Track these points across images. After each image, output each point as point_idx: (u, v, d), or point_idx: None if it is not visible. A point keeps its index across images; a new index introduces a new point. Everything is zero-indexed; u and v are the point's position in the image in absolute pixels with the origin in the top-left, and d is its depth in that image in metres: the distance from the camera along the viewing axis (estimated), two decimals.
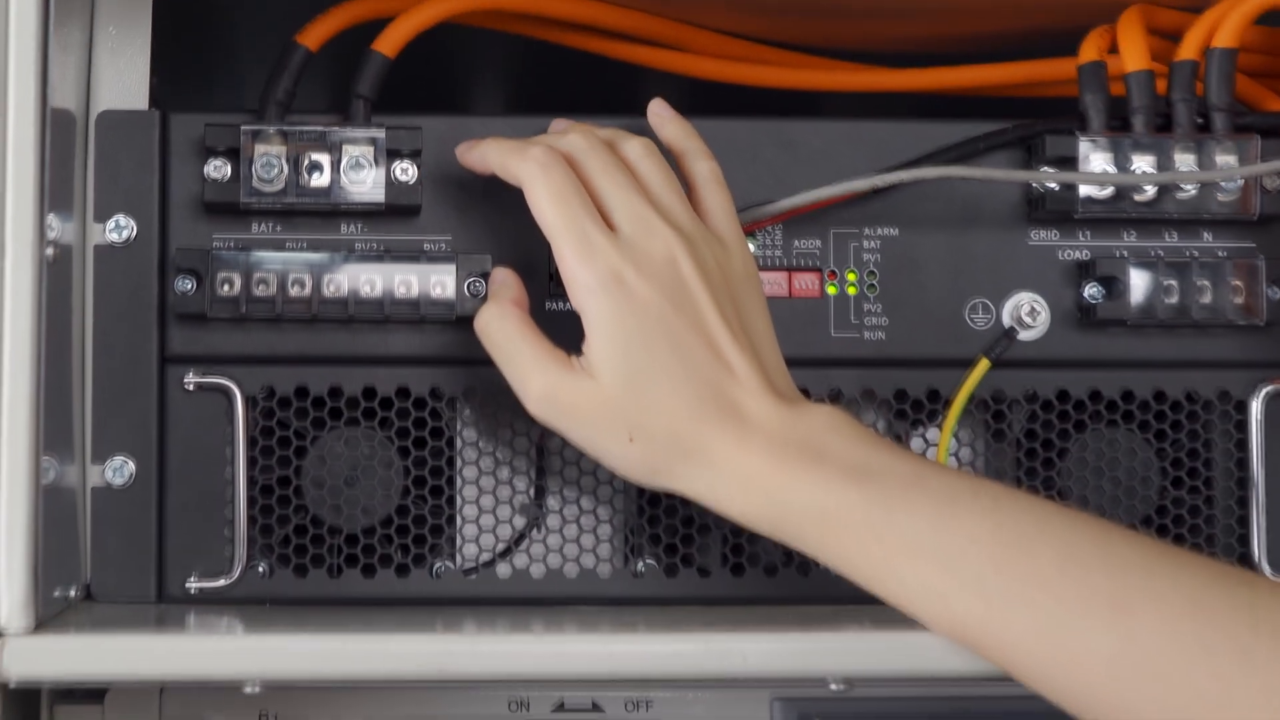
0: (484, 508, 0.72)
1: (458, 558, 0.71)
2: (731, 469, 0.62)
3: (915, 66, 0.78)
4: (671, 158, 0.68)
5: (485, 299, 0.68)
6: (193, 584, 0.70)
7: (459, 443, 0.72)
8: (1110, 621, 0.55)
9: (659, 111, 0.69)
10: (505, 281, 0.67)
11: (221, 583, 0.70)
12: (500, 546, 0.72)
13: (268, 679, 0.58)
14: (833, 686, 0.60)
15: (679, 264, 0.63)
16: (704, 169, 0.68)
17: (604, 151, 0.65)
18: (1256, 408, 0.72)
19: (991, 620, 0.57)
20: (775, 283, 0.72)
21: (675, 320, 0.63)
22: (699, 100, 0.74)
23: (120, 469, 0.69)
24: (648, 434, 0.62)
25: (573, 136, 0.66)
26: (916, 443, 0.73)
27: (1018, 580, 0.57)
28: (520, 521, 0.72)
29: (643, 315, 0.62)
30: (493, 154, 0.67)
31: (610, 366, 0.62)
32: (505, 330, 0.65)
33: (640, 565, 0.71)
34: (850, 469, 0.60)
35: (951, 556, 0.58)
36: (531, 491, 0.72)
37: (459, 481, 0.72)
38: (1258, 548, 0.72)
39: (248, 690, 0.58)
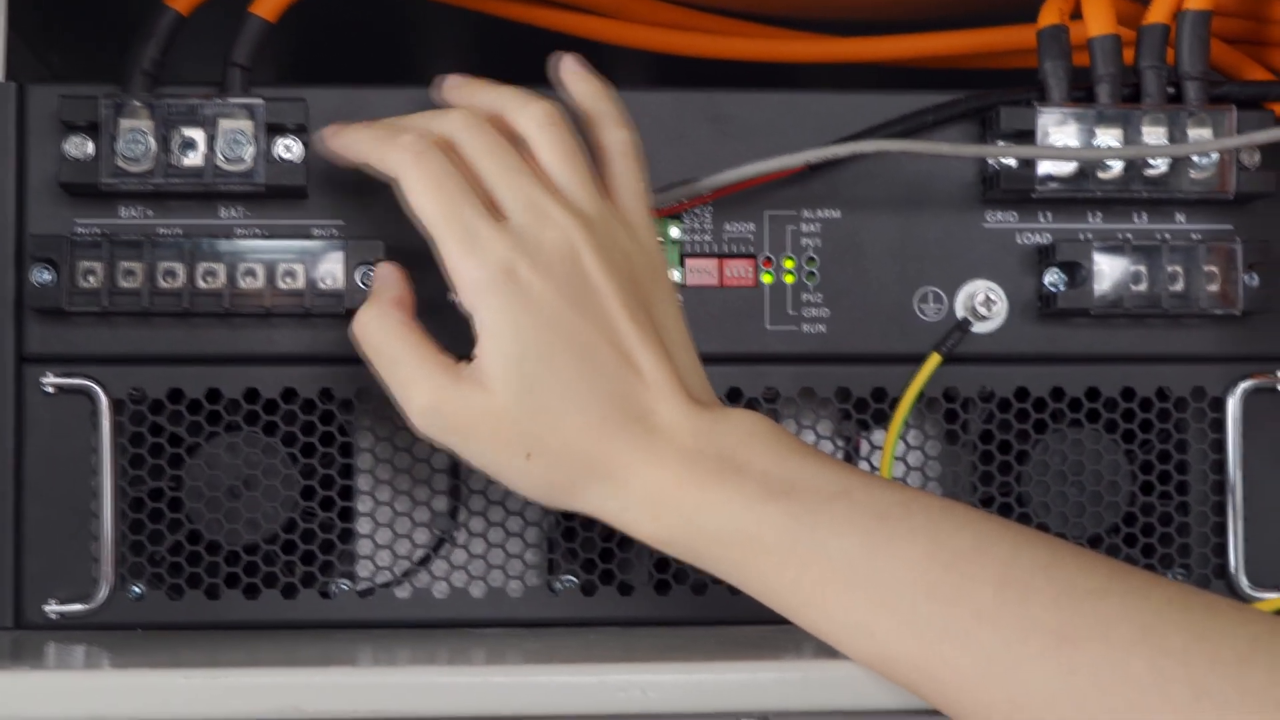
0: (382, 520, 0.67)
1: (355, 577, 0.66)
2: (641, 487, 0.56)
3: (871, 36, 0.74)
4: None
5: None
6: (53, 608, 0.64)
7: (355, 449, 0.66)
8: (1053, 655, 0.50)
9: (569, 68, 0.63)
10: (386, 279, 0.61)
11: (85, 606, 0.64)
12: (403, 565, 0.66)
13: None
14: None
15: (579, 255, 0.58)
16: (615, 139, 0.62)
17: (487, 129, 0.60)
18: (1233, 405, 0.69)
19: (924, 657, 0.51)
20: (705, 270, 0.67)
21: (575, 320, 0.57)
22: (662, 77, 0.70)
23: None
24: (547, 450, 0.57)
25: (453, 115, 0.60)
26: (862, 447, 0.69)
27: (953, 610, 0.51)
28: (426, 536, 0.66)
29: (538, 315, 0.57)
30: (361, 142, 0.61)
31: (503, 375, 0.57)
32: (384, 334, 0.59)
33: (558, 583, 0.66)
34: (770, 484, 0.55)
35: (880, 584, 0.53)
36: (437, 502, 0.67)
37: (355, 492, 0.66)
38: (1234, 558, 0.69)
39: None
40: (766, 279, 0.68)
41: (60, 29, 0.78)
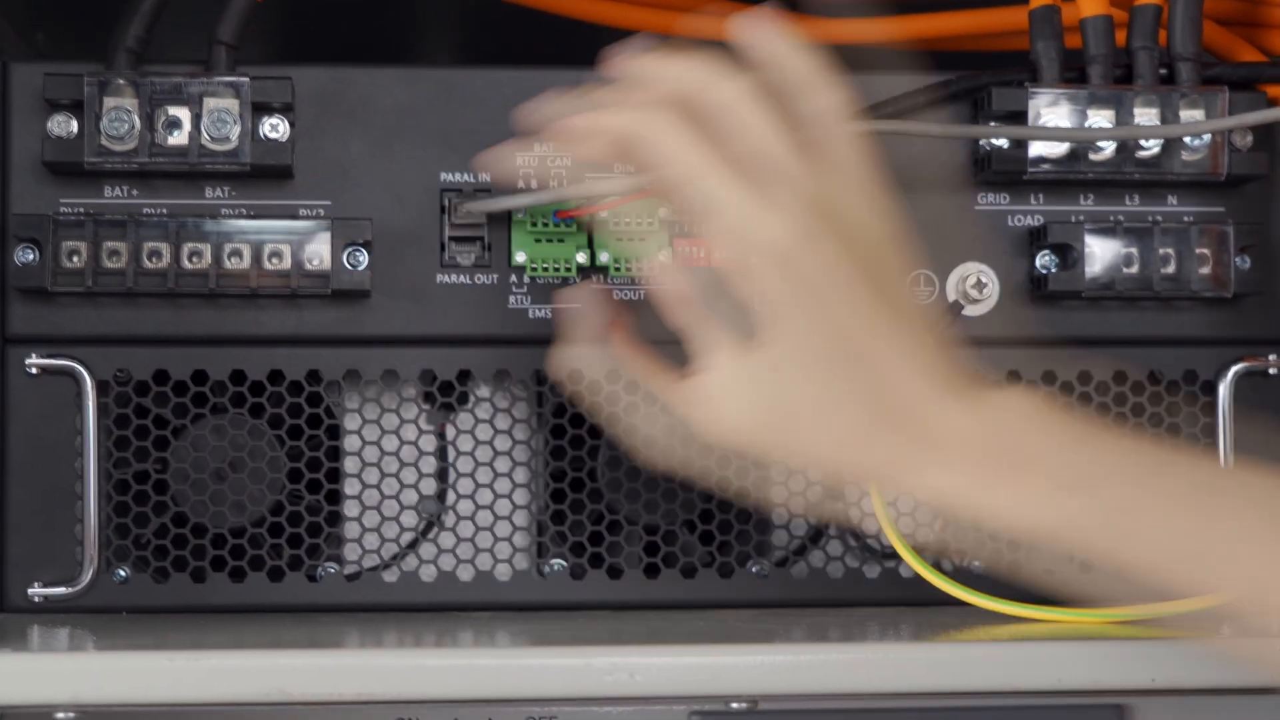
0: (370, 503, 0.66)
1: (342, 560, 0.66)
2: (928, 490, 0.53)
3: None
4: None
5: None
6: (37, 591, 0.64)
7: (342, 431, 0.66)
8: None
9: (758, 28, 0.55)
10: (587, 312, 0.59)
11: (69, 589, 0.64)
12: (392, 548, 0.66)
13: (81, 704, 0.52)
14: (734, 706, 0.54)
15: (850, 211, 0.54)
16: (823, 104, 0.55)
17: (725, 85, 0.54)
18: (1225, 389, 0.68)
19: None
20: (695, 252, 0.66)
21: (853, 273, 0.53)
22: None
23: None
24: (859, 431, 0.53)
25: (674, 74, 0.54)
26: None
27: None
28: (414, 519, 0.65)
29: (832, 267, 0.52)
30: (604, 123, 0.54)
31: (809, 355, 0.53)
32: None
33: (547, 566, 0.65)
34: (1065, 476, 0.52)
35: (1213, 559, 0.51)
36: (425, 485, 0.66)
37: (342, 475, 0.66)
38: None
39: (60, 718, 0.52)
40: None
41: (45, 7, 0.78)
